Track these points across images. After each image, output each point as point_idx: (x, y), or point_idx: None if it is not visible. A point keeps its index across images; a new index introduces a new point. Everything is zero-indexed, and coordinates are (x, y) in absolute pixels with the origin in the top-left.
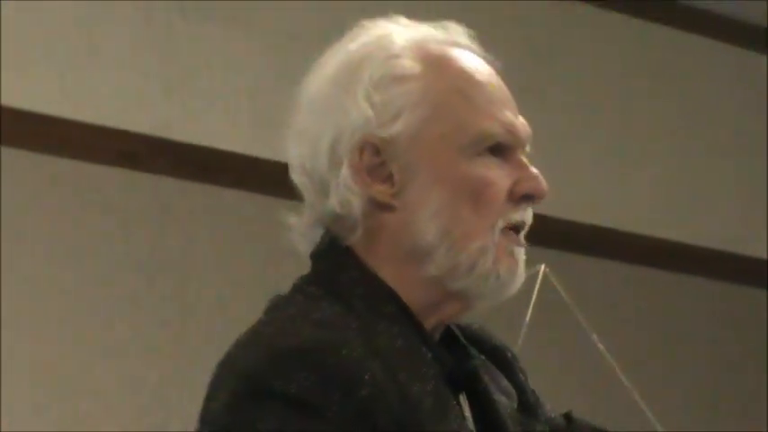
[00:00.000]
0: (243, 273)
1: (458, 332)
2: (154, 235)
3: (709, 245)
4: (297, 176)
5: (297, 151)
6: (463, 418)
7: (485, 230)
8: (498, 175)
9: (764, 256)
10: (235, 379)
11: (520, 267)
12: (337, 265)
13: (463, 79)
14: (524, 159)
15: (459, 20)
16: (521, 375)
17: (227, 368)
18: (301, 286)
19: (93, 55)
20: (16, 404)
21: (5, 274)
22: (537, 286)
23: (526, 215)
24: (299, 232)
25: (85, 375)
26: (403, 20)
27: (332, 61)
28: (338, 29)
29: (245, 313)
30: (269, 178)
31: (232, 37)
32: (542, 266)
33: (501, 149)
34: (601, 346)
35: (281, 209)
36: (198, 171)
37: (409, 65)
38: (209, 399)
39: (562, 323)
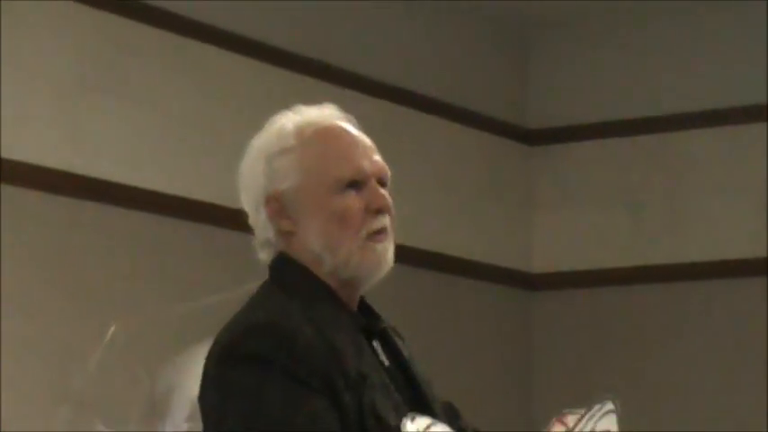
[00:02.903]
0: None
1: (375, 310)
2: None
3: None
4: (249, 216)
5: (243, 202)
6: (376, 356)
7: (349, 240)
8: (353, 202)
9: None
10: (220, 348)
11: (381, 258)
12: (284, 270)
13: (324, 145)
14: (374, 185)
15: None
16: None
17: (216, 343)
18: (263, 285)
19: (22, 120)
20: None
21: None
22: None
23: (382, 222)
24: (257, 247)
25: None
26: (300, 108)
27: (254, 144)
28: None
29: None
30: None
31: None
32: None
33: (356, 184)
34: None
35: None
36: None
37: (291, 143)
38: (206, 361)
39: None
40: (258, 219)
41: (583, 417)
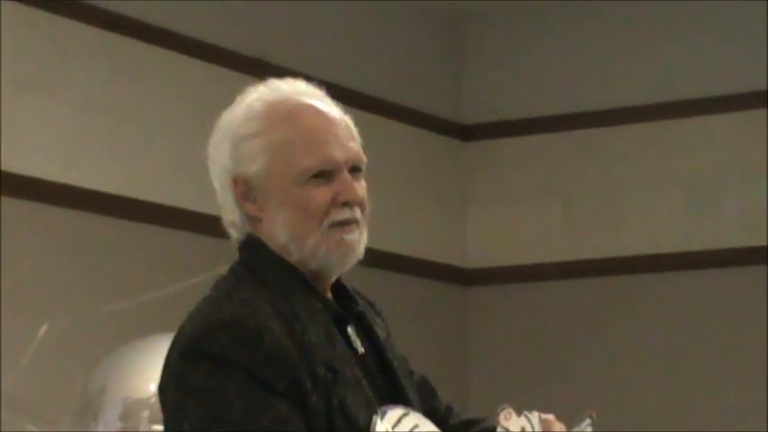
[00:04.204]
0: None
1: (351, 290)
2: None
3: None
4: (218, 194)
5: (212, 177)
6: (350, 346)
7: (314, 231)
8: (319, 193)
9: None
10: (183, 340)
11: (348, 248)
12: (254, 253)
13: (292, 130)
14: (344, 176)
15: None
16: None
17: (180, 333)
18: (233, 268)
19: None
20: None
21: None
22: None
23: (349, 213)
24: (226, 226)
25: None
26: (273, 82)
27: (222, 120)
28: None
29: None
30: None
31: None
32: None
33: (325, 174)
34: None
35: None
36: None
37: (256, 126)
38: (170, 351)
39: None
40: (225, 199)
41: None
